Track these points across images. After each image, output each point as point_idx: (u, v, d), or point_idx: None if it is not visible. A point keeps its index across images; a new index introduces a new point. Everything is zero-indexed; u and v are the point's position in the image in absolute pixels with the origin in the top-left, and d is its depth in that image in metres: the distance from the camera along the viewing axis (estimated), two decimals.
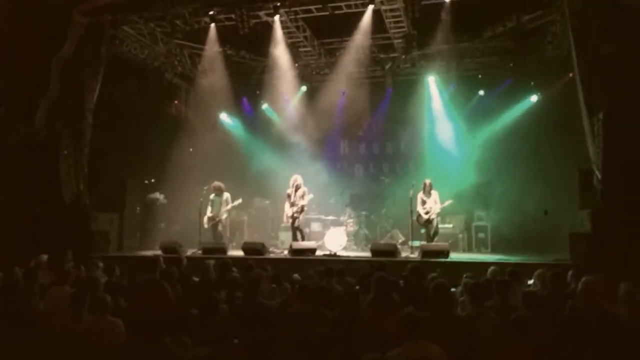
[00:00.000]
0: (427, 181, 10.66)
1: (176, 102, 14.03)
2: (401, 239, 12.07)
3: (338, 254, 10.48)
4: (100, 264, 6.99)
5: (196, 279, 6.73)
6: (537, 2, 10.62)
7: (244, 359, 3.43)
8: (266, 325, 4.26)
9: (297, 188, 10.91)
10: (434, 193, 10.62)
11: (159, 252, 9.91)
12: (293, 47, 12.87)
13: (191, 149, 12.74)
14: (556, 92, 11.93)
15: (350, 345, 3.46)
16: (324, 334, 3.22)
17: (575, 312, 3.97)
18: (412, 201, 10.51)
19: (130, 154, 12.05)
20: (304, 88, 14.26)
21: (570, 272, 5.92)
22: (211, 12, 10.91)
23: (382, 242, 11.61)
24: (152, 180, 12.89)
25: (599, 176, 8.09)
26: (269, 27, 11.79)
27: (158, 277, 5.90)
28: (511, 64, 12.67)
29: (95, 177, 10.96)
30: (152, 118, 12.69)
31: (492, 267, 6.47)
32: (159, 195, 12.67)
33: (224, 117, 14.46)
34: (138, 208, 12.40)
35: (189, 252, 10.23)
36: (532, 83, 12.69)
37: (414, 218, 10.64)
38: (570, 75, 10.19)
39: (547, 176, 11.50)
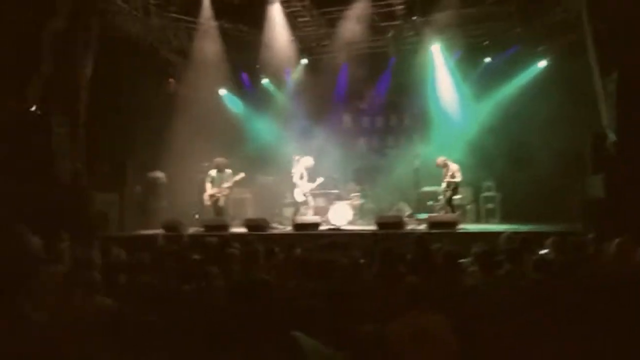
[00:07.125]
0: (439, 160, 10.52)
1: (172, 79, 13.62)
2: (408, 211, 11.80)
3: (342, 227, 10.25)
4: (97, 244, 6.82)
5: (196, 257, 6.57)
6: None
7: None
8: (262, 299, 4.06)
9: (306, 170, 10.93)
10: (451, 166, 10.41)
11: (160, 231, 9.75)
12: (291, 17, 12.44)
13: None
14: (565, 57, 11.50)
15: (350, 318, 3.23)
16: (321, 306, 2.97)
17: (600, 275, 3.73)
18: (417, 173, 10.23)
19: (129, 132, 11.80)
20: (304, 61, 13.86)
21: (588, 238, 5.69)
22: None
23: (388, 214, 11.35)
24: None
25: (614, 138, 7.73)
26: None
27: None
28: (518, 29, 12.21)
29: (93, 157, 10.71)
30: (150, 95, 12.35)
31: (504, 234, 6.18)
32: (159, 174, 12.42)
33: (223, 92, 14.12)
34: (138, 187, 12.18)
35: (191, 230, 10.05)
36: (540, 48, 12.23)
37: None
38: (578, 37, 9.77)
39: (557, 142, 11.14)
